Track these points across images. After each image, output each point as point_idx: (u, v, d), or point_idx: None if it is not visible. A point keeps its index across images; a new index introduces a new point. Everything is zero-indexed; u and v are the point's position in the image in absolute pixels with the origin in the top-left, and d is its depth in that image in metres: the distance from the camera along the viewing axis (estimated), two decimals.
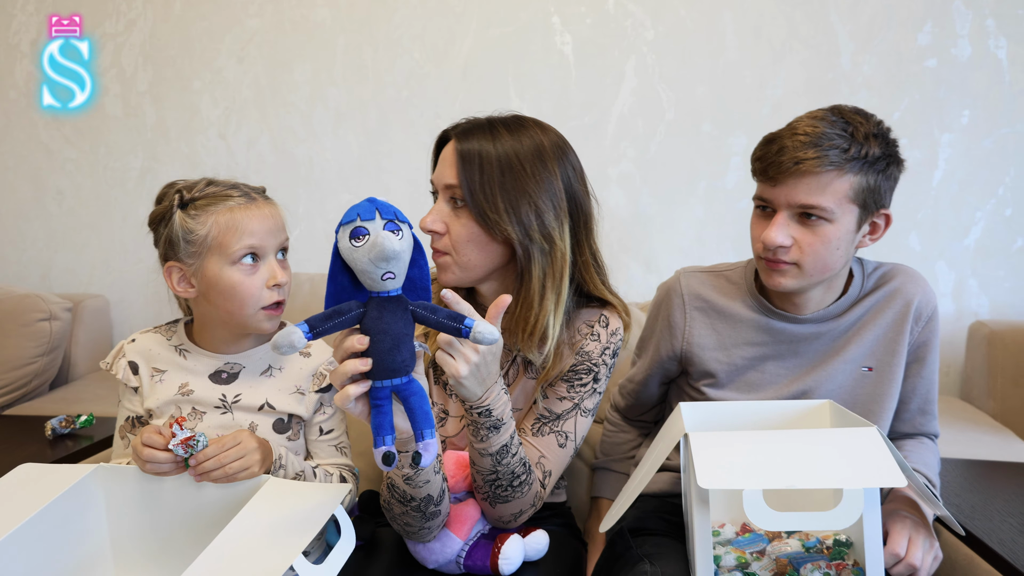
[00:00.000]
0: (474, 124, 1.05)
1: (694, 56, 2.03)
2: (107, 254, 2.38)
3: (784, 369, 1.19)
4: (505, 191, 1.00)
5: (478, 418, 0.96)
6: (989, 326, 1.86)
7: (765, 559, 1.00)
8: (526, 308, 1.03)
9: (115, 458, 1.14)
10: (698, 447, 0.89)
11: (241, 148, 2.26)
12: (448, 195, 1.04)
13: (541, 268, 1.02)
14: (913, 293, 1.16)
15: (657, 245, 2.10)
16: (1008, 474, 1.33)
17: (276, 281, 1.06)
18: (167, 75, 2.27)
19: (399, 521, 1.03)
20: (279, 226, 1.08)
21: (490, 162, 1.01)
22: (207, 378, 1.10)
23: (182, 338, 1.14)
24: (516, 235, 1.01)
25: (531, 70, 2.10)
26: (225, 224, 1.04)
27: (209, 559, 0.78)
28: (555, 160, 1.04)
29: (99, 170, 2.34)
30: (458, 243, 1.03)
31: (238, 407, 1.08)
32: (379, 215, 0.77)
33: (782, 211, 1.08)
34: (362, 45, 2.16)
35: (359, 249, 0.76)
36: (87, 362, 2.23)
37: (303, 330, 0.76)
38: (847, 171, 1.03)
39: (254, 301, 1.05)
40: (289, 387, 1.11)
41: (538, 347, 1.04)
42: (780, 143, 1.06)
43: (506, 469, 1.00)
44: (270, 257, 1.07)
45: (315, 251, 2.23)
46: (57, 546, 0.95)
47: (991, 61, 1.93)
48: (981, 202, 1.98)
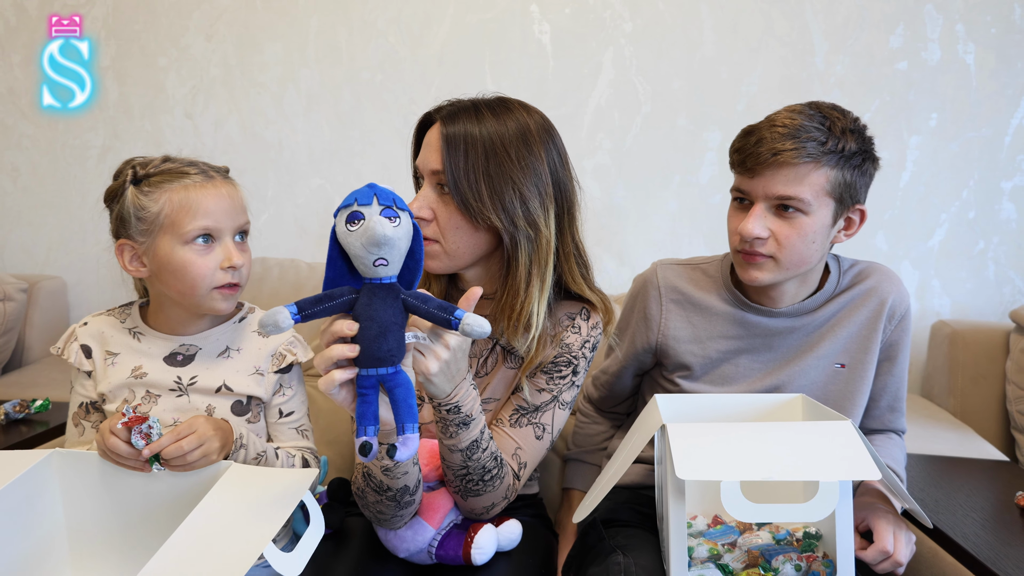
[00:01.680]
0: (459, 107, 1.03)
1: (671, 50, 2.03)
2: (65, 234, 2.30)
3: (758, 363, 1.19)
4: (489, 178, 0.98)
5: (447, 415, 0.94)
6: (951, 326, 1.91)
7: (737, 551, 1.01)
8: (512, 295, 1.02)
9: (69, 446, 1.10)
10: (676, 438, 0.88)
11: (208, 128, 2.20)
12: (435, 181, 1.02)
13: (527, 255, 1.01)
14: (888, 292, 1.17)
15: (631, 238, 2.10)
16: (969, 470, 1.36)
17: (230, 263, 1.02)
18: (131, 50, 2.19)
19: (372, 509, 1.01)
20: (238, 208, 1.05)
21: (475, 148, 0.98)
22: (162, 360, 1.07)
23: (136, 320, 1.11)
24: (501, 223, 0.99)
25: (508, 58, 2.08)
26: (179, 202, 1.01)
27: (174, 549, 0.76)
28: (541, 144, 1.02)
29: (57, 147, 2.25)
30: (446, 230, 1.02)
31: (194, 389, 1.06)
32: (376, 200, 0.76)
33: (759, 203, 1.08)
34: (336, 26, 2.12)
35: (353, 233, 0.75)
36: (43, 345, 2.16)
37: (291, 311, 0.75)
38: (824, 164, 1.04)
39: (206, 282, 1.02)
40: (248, 368, 1.08)
41: (523, 334, 1.03)
42: (759, 134, 1.07)
43: (476, 464, 0.99)
44: (226, 239, 1.03)
45: (284, 236, 2.18)
46: (9, 534, 0.91)
47: (959, 66, 1.97)
48: (946, 204, 2.02)
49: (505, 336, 1.04)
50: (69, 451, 0.99)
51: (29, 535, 0.94)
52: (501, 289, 1.03)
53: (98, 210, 2.40)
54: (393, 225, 0.76)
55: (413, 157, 1.09)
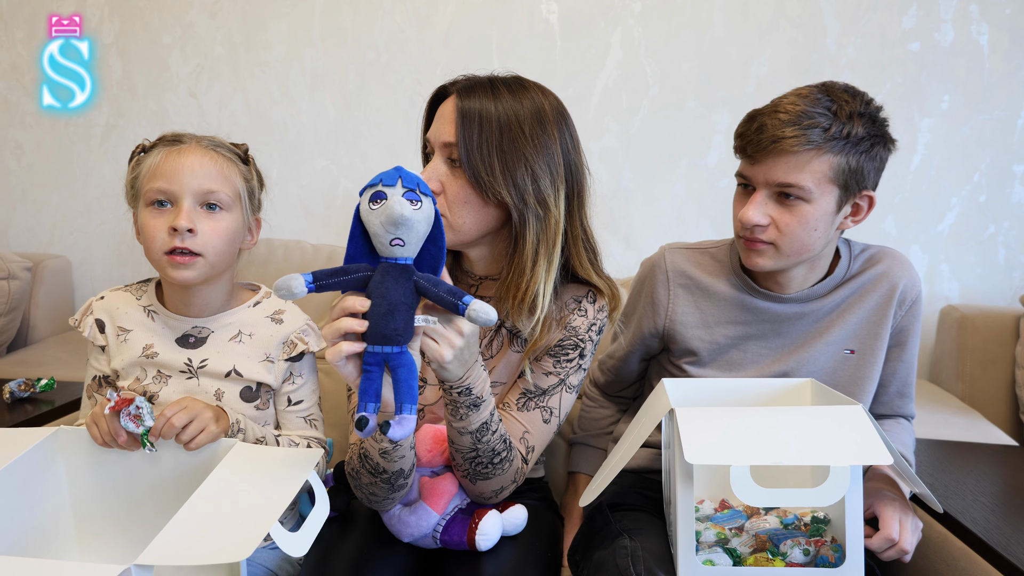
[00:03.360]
0: (475, 82, 1.02)
1: (680, 31, 2.00)
2: (69, 213, 2.29)
3: (766, 349, 1.18)
4: (502, 153, 0.97)
5: (458, 397, 0.93)
6: (960, 310, 1.89)
7: (744, 535, 1.00)
8: (518, 275, 1.01)
9: (83, 418, 1.10)
10: (684, 422, 0.88)
11: (212, 108, 2.18)
12: (446, 154, 1.00)
13: (535, 234, 1.00)
14: (899, 277, 1.16)
15: (637, 222, 2.09)
16: (978, 454, 1.36)
17: (172, 224, 0.99)
18: (135, 28, 2.17)
19: (364, 490, 1.01)
20: (207, 174, 1.01)
21: (490, 122, 0.97)
22: (174, 342, 1.07)
23: (152, 299, 1.10)
24: (511, 199, 0.98)
25: (515, 38, 2.05)
26: (149, 166, 1.02)
27: (180, 526, 0.76)
28: (555, 125, 1.01)
29: (60, 124, 2.24)
30: (453, 204, 1.00)
31: (204, 372, 1.05)
32: (401, 183, 0.78)
33: (760, 189, 1.07)
34: (341, 5, 2.09)
35: (374, 212, 0.77)
36: (48, 324, 2.16)
37: (306, 279, 0.77)
38: (827, 151, 1.02)
39: (155, 246, 1.01)
40: (258, 354, 1.07)
41: (528, 315, 1.02)
42: (760, 120, 1.05)
43: (486, 447, 0.98)
44: (183, 203, 1.00)
45: (289, 217, 2.17)
46: (15, 511, 0.91)
47: (972, 47, 1.94)
48: (956, 188, 2.00)
49: (510, 318, 1.03)
50: (74, 429, 0.99)
51: (34, 512, 0.95)
52: (507, 268, 1.02)
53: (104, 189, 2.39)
54: (413, 208, 0.77)
55: (424, 130, 1.08)
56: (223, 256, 1.03)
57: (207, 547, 0.73)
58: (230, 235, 1.04)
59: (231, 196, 1.04)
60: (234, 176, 1.05)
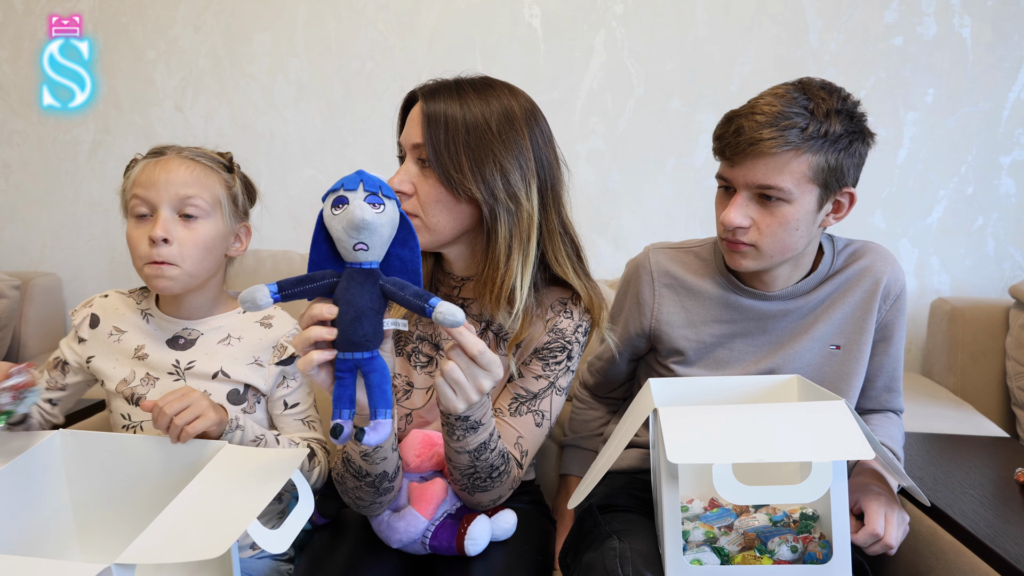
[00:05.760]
0: (441, 85, 1.03)
1: (663, 31, 2.01)
2: (59, 231, 2.28)
3: (752, 347, 1.18)
4: (470, 150, 0.98)
5: (455, 422, 0.93)
6: (950, 303, 1.89)
7: (733, 533, 1.00)
8: (493, 269, 1.01)
9: None
10: (667, 421, 0.88)
11: (199, 121, 2.18)
12: (416, 155, 1.02)
13: (507, 228, 1.00)
14: (882, 271, 1.16)
15: (625, 223, 2.08)
16: (968, 447, 1.36)
17: (151, 234, 1.01)
18: (118, 44, 2.17)
19: (351, 495, 1.01)
20: (183, 182, 1.03)
21: (455, 121, 0.98)
22: (164, 343, 1.09)
23: (150, 303, 1.13)
24: (481, 195, 0.99)
25: (499, 43, 2.05)
26: (132, 178, 1.05)
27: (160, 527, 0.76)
28: (523, 121, 1.02)
29: (47, 143, 2.24)
30: (426, 204, 1.01)
31: (191, 374, 1.07)
32: (362, 187, 0.77)
33: (741, 191, 1.07)
34: (324, 15, 2.09)
35: (336, 217, 0.77)
36: (38, 341, 2.15)
37: (271, 290, 0.76)
38: (805, 151, 1.02)
39: (137, 255, 1.04)
40: (247, 357, 1.09)
41: (506, 308, 1.02)
42: (737, 123, 1.04)
43: (484, 464, 0.98)
44: (161, 213, 1.02)
45: (277, 227, 2.17)
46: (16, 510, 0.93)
47: (955, 40, 1.94)
48: (944, 181, 2.00)
49: (489, 311, 1.03)
50: (73, 432, 1.01)
51: (35, 511, 0.96)
52: (483, 263, 1.03)
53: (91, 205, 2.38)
54: (375, 211, 0.76)
55: (398, 135, 1.08)
56: (202, 264, 1.05)
57: (186, 545, 0.73)
58: (208, 243, 1.05)
59: (209, 203, 1.05)
60: (213, 183, 1.06)
